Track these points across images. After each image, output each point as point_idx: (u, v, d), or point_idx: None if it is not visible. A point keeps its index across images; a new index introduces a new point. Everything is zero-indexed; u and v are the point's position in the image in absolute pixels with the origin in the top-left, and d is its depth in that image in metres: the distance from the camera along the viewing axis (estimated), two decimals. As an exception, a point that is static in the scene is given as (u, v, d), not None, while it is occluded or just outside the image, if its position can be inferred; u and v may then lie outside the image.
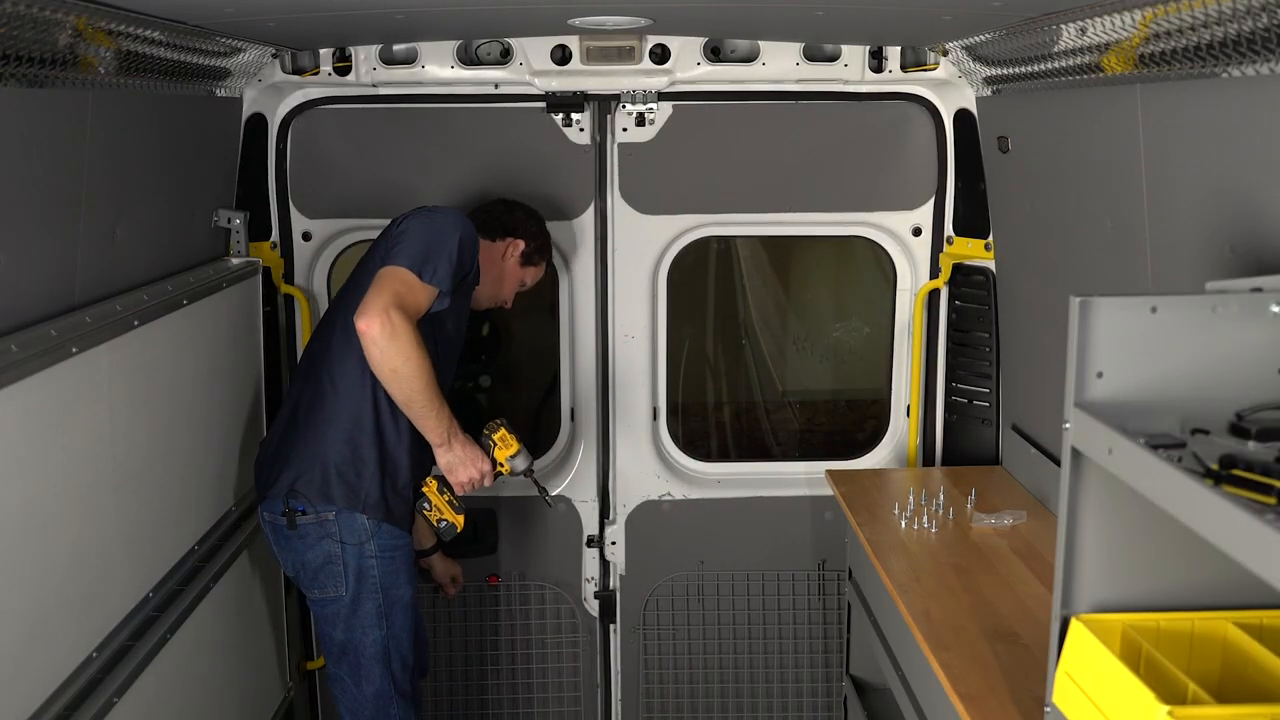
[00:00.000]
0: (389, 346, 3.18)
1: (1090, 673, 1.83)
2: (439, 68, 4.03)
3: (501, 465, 3.64)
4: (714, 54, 4.07)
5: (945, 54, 3.93)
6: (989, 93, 3.81)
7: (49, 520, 2.56)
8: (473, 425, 3.65)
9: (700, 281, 5.84)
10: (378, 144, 4.18)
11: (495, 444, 3.64)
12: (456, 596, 4.30)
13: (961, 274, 4.23)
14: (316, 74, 4.03)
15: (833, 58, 4.05)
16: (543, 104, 4.10)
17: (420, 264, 3.27)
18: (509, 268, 3.85)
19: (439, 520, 3.64)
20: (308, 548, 3.46)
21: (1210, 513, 1.49)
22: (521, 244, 3.84)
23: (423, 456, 3.56)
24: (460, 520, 3.66)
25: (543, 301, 4.44)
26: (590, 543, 4.51)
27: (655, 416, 4.47)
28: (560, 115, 4.14)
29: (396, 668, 3.57)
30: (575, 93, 4.09)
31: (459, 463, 3.50)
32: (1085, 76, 2.93)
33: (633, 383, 4.41)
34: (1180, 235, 2.67)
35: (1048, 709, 2.00)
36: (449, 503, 3.63)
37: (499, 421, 3.66)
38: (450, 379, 3.76)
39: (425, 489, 3.61)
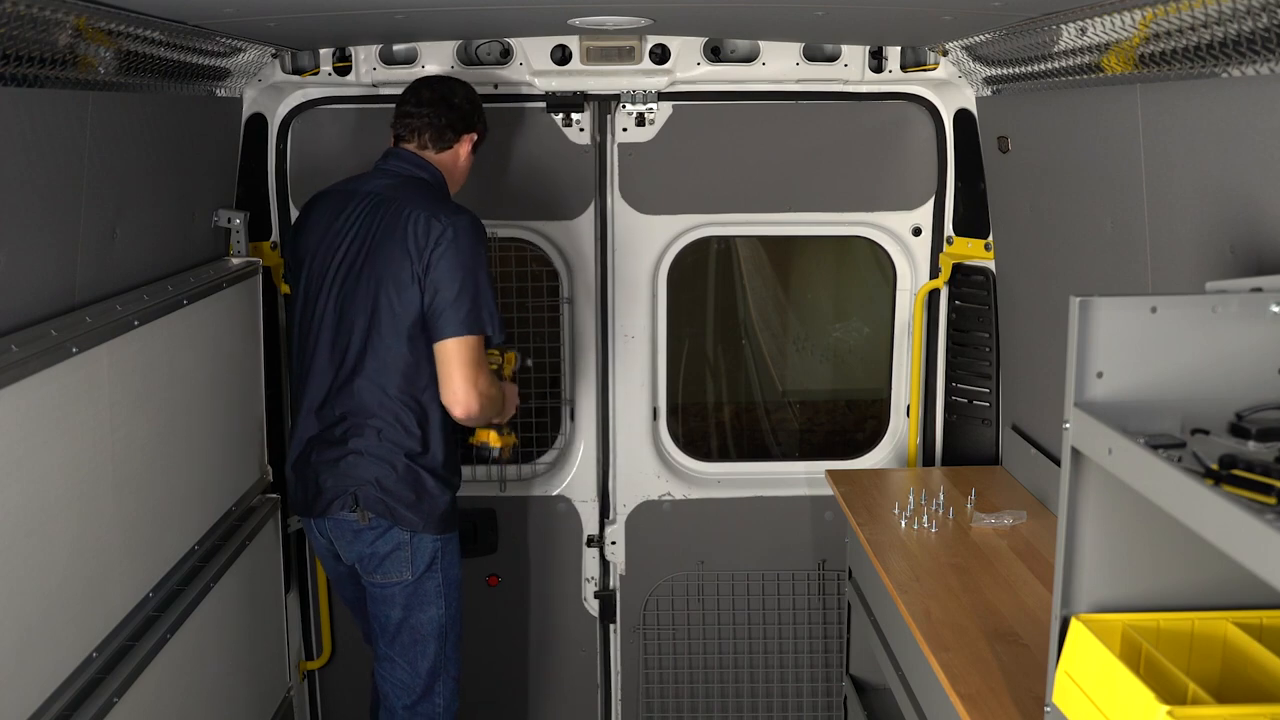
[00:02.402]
0: (486, 409, 3.48)
1: (1090, 673, 1.83)
2: (439, 68, 4.03)
3: (513, 379, 3.90)
4: (714, 54, 4.07)
5: (945, 54, 3.93)
6: (989, 93, 3.81)
7: (49, 520, 2.55)
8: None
9: (700, 281, 5.84)
10: (378, 144, 4.14)
11: (502, 363, 3.86)
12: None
13: (961, 274, 4.23)
14: (316, 74, 4.03)
15: (833, 58, 4.06)
16: (543, 104, 4.10)
17: (475, 325, 3.40)
18: (464, 164, 3.70)
19: (507, 451, 3.91)
20: (378, 537, 3.52)
21: (1210, 513, 1.49)
22: (476, 135, 3.68)
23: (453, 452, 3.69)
24: (514, 438, 3.93)
25: (543, 301, 4.44)
26: (590, 543, 4.51)
27: (655, 416, 4.47)
28: (560, 115, 4.14)
29: (450, 647, 3.67)
30: (575, 93, 4.09)
31: (511, 407, 3.76)
32: (1085, 76, 2.93)
33: (633, 383, 4.41)
34: (1180, 235, 2.67)
35: (1048, 709, 2.00)
36: (498, 431, 3.84)
37: (491, 349, 3.78)
38: None
39: (476, 439, 3.83)
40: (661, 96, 4.12)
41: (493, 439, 3.82)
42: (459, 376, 3.38)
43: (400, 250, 3.38)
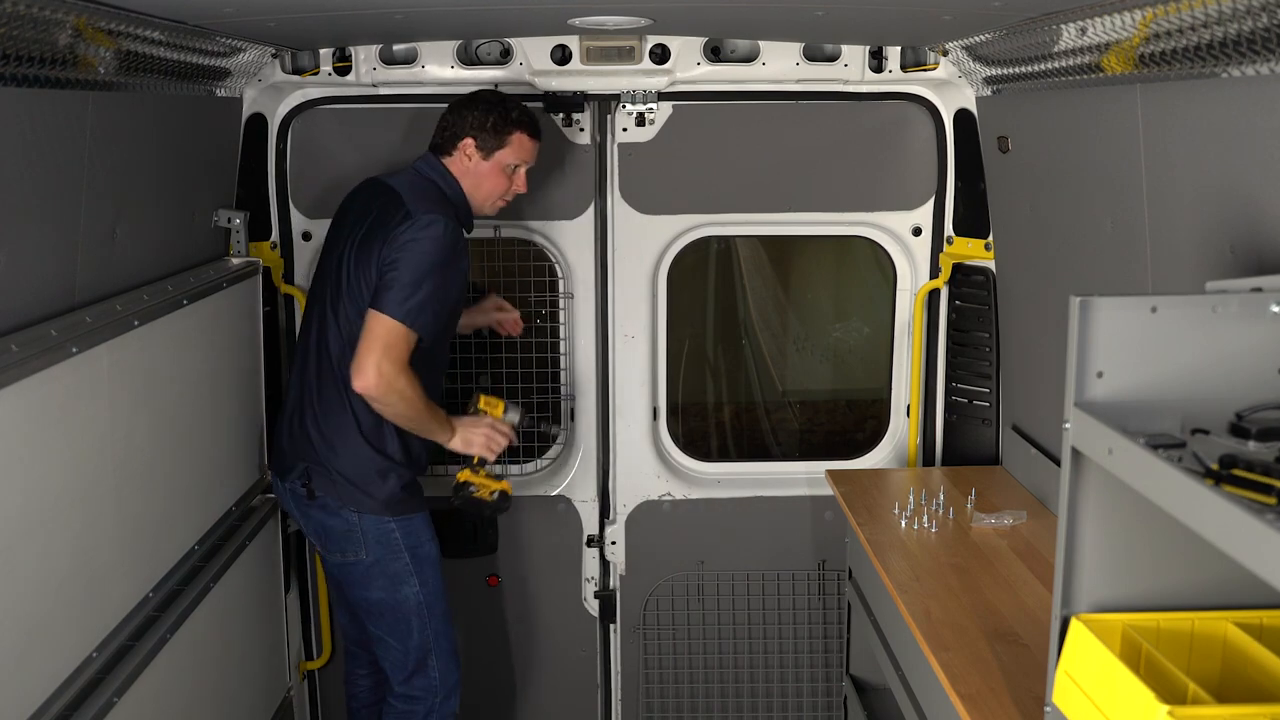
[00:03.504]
0: (387, 397, 3.44)
1: (1090, 673, 1.83)
2: (439, 68, 4.03)
3: (503, 424, 3.79)
4: (714, 54, 4.07)
5: (945, 54, 3.93)
6: (989, 93, 3.81)
7: (49, 520, 2.56)
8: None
9: (700, 281, 5.83)
10: (378, 144, 4.17)
11: (484, 413, 3.78)
12: (456, 596, 4.29)
13: (961, 274, 4.23)
14: (316, 74, 4.03)
15: (833, 58, 4.06)
16: (542, 104, 4.10)
17: (406, 313, 3.40)
18: (478, 170, 3.66)
19: (491, 494, 3.79)
20: (329, 515, 3.63)
21: (1210, 513, 1.49)
22: (470, 141, 3.63)
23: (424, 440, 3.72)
24: (508, 485, 3.83)
25: (544, 300, 4.44)
26: (590, 543, 4.51)
27: (655, 416, 4.47)
28: (560, 115, 4.14)
29: (439, 622, 3.73)
30: (575, 93, 4.09)
31: (470, 434, 3.71)
32: (1085, 76, 2.93)
33: (633, 383, 4.41)
34: (1180, 235, 2.67)
35: (1048, 709, 2.00)
36: (488, 476, 3.80)
37: (477, 392, 3.84)
38: (443, 363, 3.84)
39: (461, 478, 3.78)
40: (661, 96, 4.12)
41: (470, 476, 3.79)
42: (369, 350, 3.38)
43: (378, 238, 3.48)
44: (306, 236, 4.22)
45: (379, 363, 3.38)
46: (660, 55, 4.04)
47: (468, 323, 4.11)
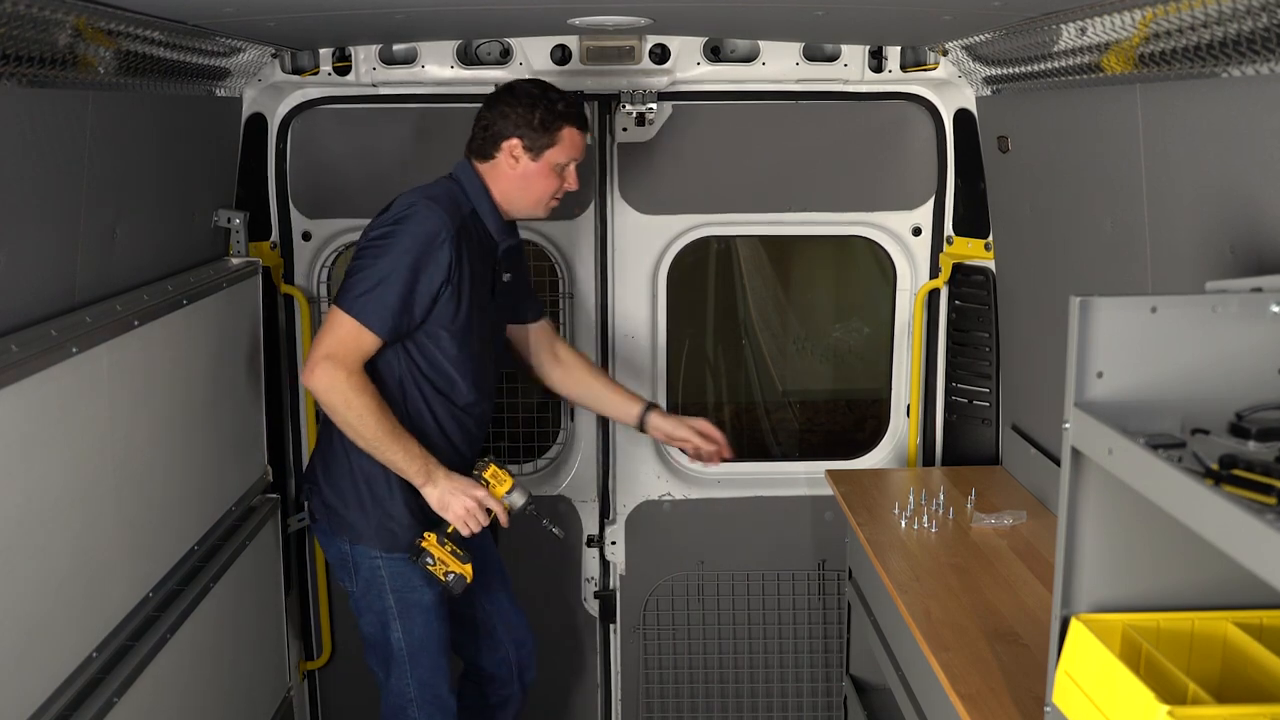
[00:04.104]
0: (330, 399, 3.13)
1: (1090, 673, 1.83)
2: (439, 68, 4.03)
3: (503, 503, 3.34)
4: (714, 54, 4.07)
5: (945, 54, 3.93)
6: (989, 93, 3.81)
7: (49, 520, 2.55)
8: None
9: (700, 281, 5.84)
10: (378, 144, 4.17)
11: (488, 483, 3.33)
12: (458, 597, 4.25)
13: (961, 274, 4.23)
14: (316, 74, 4.03)
15: (833, 58, 4.06)
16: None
17: (359, 308, 3.12)
18: (525, 171, 3.35)
19: (446, 574, 3.27)
20: (327, 544, 3.51)
21: (1210, 513, 1.49)
22: (517, 142, 3.32)
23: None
24: (469, 570, 3.28)
25: (543, 300, 4.43)
26: (590, 543, 4.51)
27: (655, 416, 4.46)
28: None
29: (423, 672, 3.45)
30: (575, 93, 4.08)
31: (449, 494, 3.25)
32: (1085, 76, 2.93)
33: (633, 383, 4.41)
34: (1180, 235, 2.67)
35: (1048, 709, 2.00)
36: (452, 553, 3.27)
37: (487, 459, 3.39)
38: (490, 382, 3.53)
39: (424, 543, 3.27)
40: (661, 96, 4.12)
41: (433, 546, 3.27)
42: (316, 344, 3.15)
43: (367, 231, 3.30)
44: (306, 236, 4.22)
45: (323, 358, 3.10)
46: (660, 55, 4.04)
47: (667, 433, 3.79)
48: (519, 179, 3.37)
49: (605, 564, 4.54)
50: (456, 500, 3.25)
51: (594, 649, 4.62)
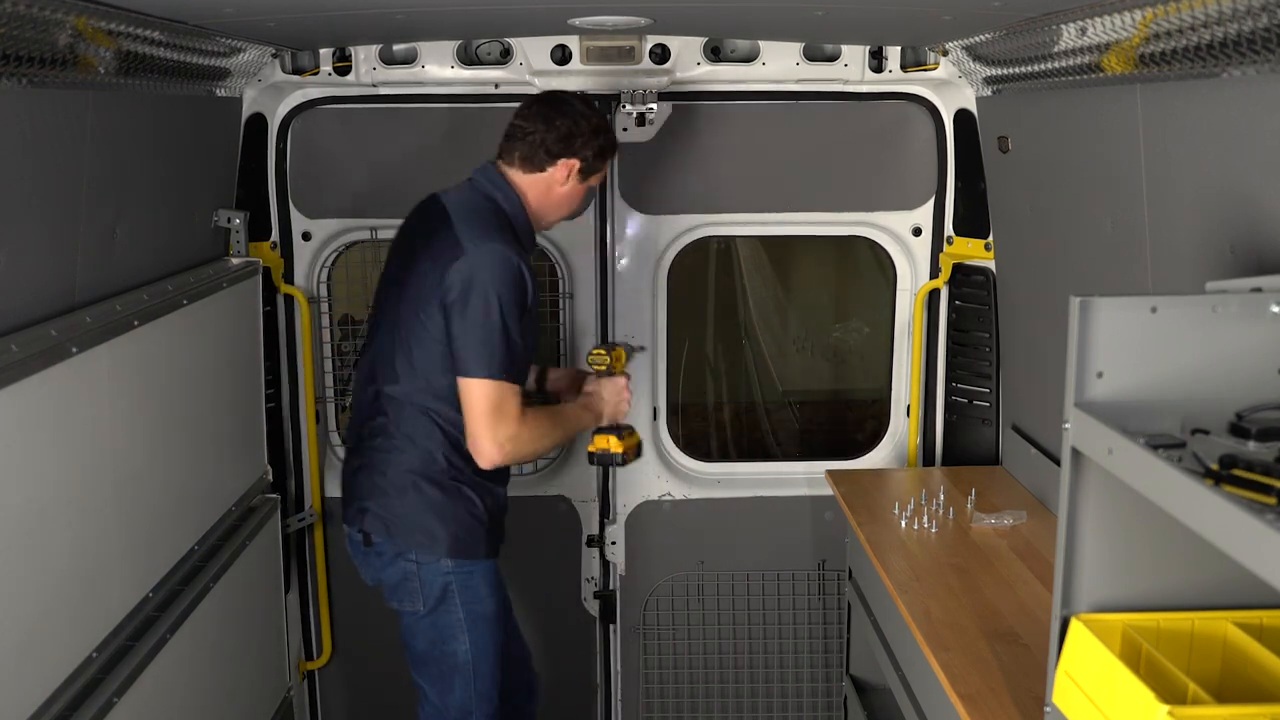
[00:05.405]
0: (520, 456, 3.29)
1: (1090, 673, 1.83)
2: (439, 68, 4.03)
3: (627, 372, 3.71)
4: (714, 54, 4.07)
5: (945, 54, 3.93)
6: (989, 93, 3.81)
7: (49, 520, 2.55)
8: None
9: (700, 281, 5.84)
10: (378, 144, 4.17)
11: (611, 361, 3.67)
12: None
13: (961, 274, 4.23)
14: (316, 74, 4.03)
15: (833, 58, 4.06)
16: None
17: (495, 368, 3.16)
18: (571, 190, 3.40)
19: (631, 451, 3.70)
20: (385, 565, 3.37)
21: (1210, 513, 1.49)
22: (577, 164, 3.35)
23: (495, 476, 3.42)
24: (638, 437, 3.75)
25: (544, 300, 4.43)
26: (590, 543, 4.51)
27: (655, 416, 4.47)
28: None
29: (484, 683, 3.45)
30: (575, 93, 4.08)
31: (608, 406, 3.61)
32: (1085, 76, 2.93)
33: (633, 383, 4.40)
34: (1180, 235, 2.67)
35: (1048, 709, 2.00)
36: (623, 438, 3.68)
37: (594, 349, 3.68)
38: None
39: (602, 445, 3.66)
40: (661, 96, 4.12)
41: (613, 444, 3.64)
42: (478, 424, 3.17)
43: (431, 268, 3.21)
44: (306, 236, 4.22)
45: (493, 432, 3.16)
46: (660, 55, 4.04)
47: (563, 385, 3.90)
48: (563, 195, 3.40)
49: (605, 564, 4.54)
50: (614, 406, 3.62)
51: (594, 649, 4.62)
